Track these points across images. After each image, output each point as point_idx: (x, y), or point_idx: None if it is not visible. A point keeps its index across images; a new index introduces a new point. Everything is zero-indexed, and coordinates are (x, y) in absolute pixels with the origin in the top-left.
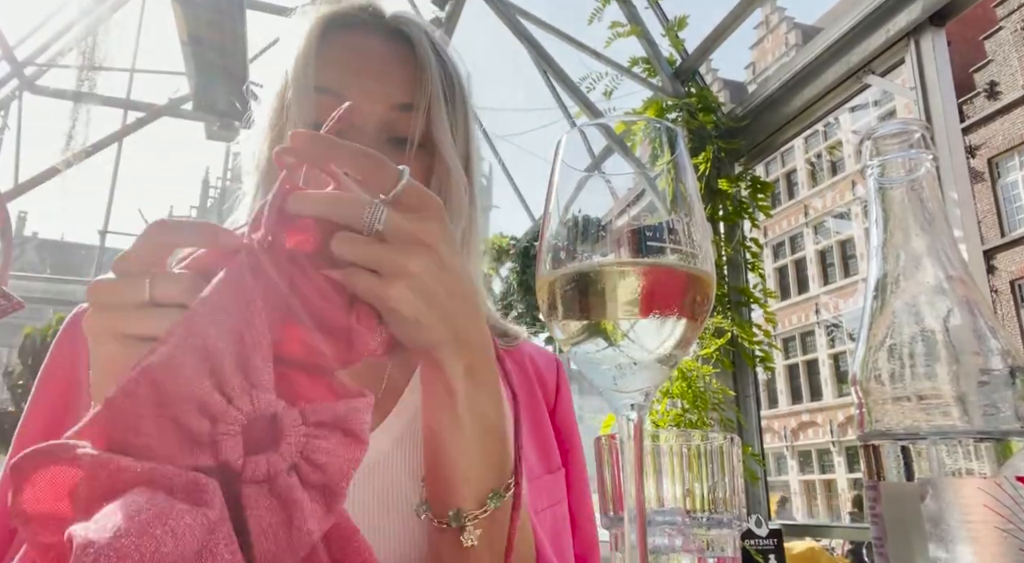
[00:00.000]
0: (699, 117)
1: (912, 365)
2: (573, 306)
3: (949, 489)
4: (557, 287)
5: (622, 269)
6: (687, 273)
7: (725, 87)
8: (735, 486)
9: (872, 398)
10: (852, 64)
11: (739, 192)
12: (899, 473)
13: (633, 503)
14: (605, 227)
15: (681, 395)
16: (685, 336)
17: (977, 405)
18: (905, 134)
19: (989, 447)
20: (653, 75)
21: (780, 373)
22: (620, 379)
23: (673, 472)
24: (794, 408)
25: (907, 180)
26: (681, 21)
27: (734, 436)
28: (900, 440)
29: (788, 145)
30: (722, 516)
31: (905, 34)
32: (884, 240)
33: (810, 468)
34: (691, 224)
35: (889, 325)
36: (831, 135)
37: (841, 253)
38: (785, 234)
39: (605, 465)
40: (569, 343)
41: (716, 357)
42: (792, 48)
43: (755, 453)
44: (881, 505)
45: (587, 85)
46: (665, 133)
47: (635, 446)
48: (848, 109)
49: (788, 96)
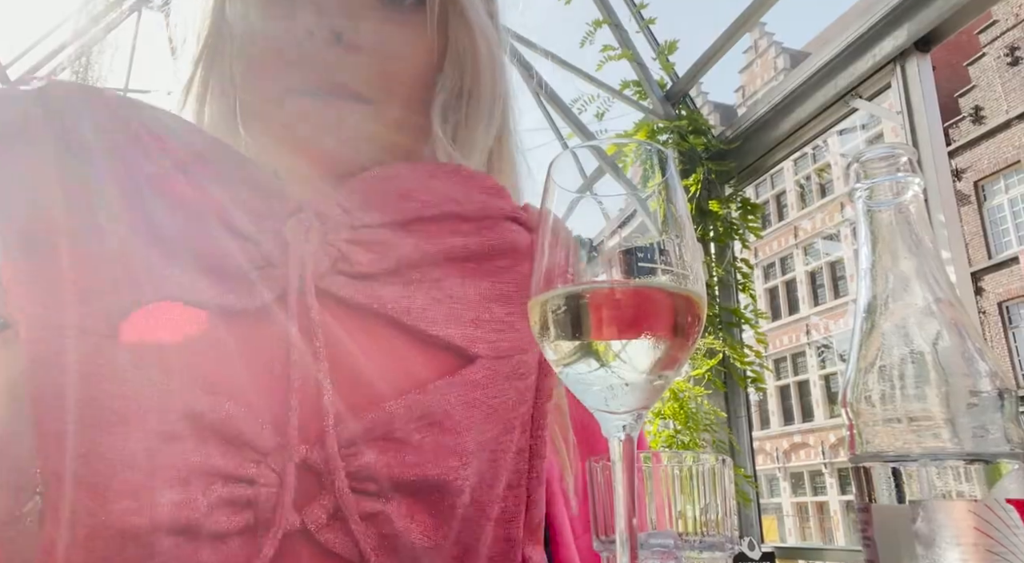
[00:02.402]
0: (690, 139)
1: (902, 387)
2: (564, 327)
3: (940, 511)
4: (549, 308)
5: (613, 290)
6: (678, 294)
7: (715, 110)
8: (727, 508)
9: (862, 420)
10: (839, 88)
11: (730, 213)
12: (890, 495)
13: (624, 526)
14: (597, 248)
15: (673, 416)
16: (676, 357)
17: (967, 427)
18: (892, 158)
19: (979, 469)
20: (644, 98)
21: (772, 394)
22: (612, 400)
23: (665, 494)
24: (786, 429)
25: (895, 203)
26: (671, 45)
27: (726, 457)
28: (891, 462)
29: (778, 167)
30: (714, 538)
31: (891, 59)
32: (873, 262)
33: (802, 490)
34: (682, 245)
35: (879, 347)
36: (820, 158)
37: (831, 274)
38: (775, 255)
39: (597, 488)
40: (561, 364)
41: (708, 378)
42: (780, 72)
43: (747, 475)
44: (873, 528)
45: (579, 107)
46: (656, 155)
47: (626, 467)
48: (836, 132)
49: (777, 119)
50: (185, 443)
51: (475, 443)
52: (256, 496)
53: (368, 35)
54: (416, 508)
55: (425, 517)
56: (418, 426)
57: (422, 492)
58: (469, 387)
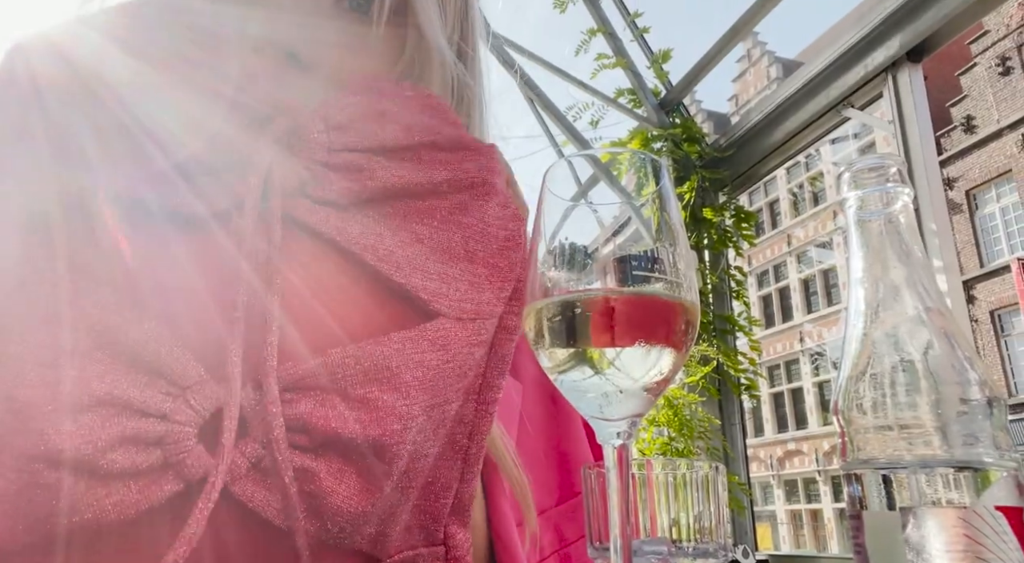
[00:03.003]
0: (684, 147)
1: (893, 395)
2: (559, 334)
3: (930, 518)
4: (544, 316)
5: (608, 298)
6: (672, 302)
7: (709, 118)
8: (721, 515)
9: (853, 427)
10: (832, 98)
11: (723, 221)
12: (881, 502)
13: (618, 533)
14: (591, 256)
15: (667, 423)
16: (670, 364)
17: (957, 435)
18: (882, 169)
19: (969, 477)
20: (638, 106)
21: (765, 401)
22: (606, 407)
23: (659, 501)
24: (780, 437)
25: (884, 213)
26: (665, 54)
27: (719, 465)
28: (881, 469)
29: (771, 175)
30: (708, 546)
31: (883, 69)
32: (863, 271)
33: (796, 497)
34: (676, 253)
35: (870, 355)
36: (812, 166)
37: (824, 282)
38: (769, 262)
39: (591, 495)
40: (556, 371)
41: (702, 385)
42: (773, 81)
43: (741, 482)
44: (864, 535)
45: (573, 114)
46: (650, 164)
47: (620, 475)
48: (829, 141)
49: (770, 128)
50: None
51: (420, 408)
52: (167, 435)
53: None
54: (347, 469)
55: (354, 479)
56: (364, 380)
57: (356, 453)
58: (425, 346)
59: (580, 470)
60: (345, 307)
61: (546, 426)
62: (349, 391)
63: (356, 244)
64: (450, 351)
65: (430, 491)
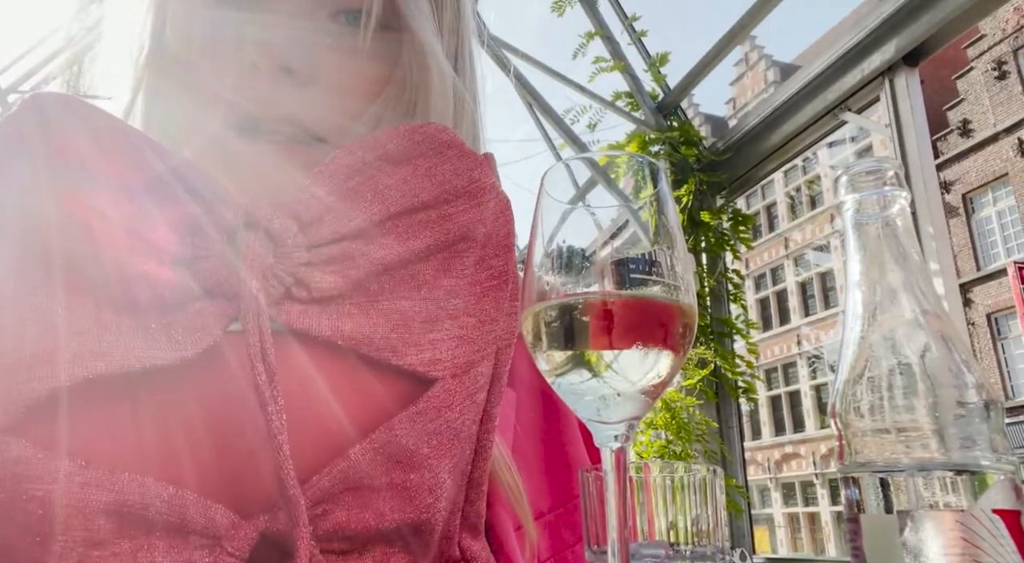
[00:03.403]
0: (681, 150)
1: (890, 398)
2: (557, 337)
3: (928, 521)
4: (541, 318)
5: (605, 301)
6: (670, 304)
7: (706, 122)
8: (718, 518)
9: (851, 430)
10: (829, 101)
11: (721, 224)
12: (878, 505)
13: (616, 536)
14: (589, 259)
15: (665, 426)
16: (668, 367)
17: (954, 438)
18: (878, 172)
19: (966, 480)
20: (636, 109)
21: (763, 404)
22: (604, 410)
23: (656, 504)
24: (777, 440)
25: (881, 216)
26: (663, 57)
27: (717, 468)
28: (878, 472)
29: (768, 179)
30: (705, 549)
31: (880, 73)
32: (860, 274)
33: (794, 500)
34: (673, 256)
35: (867, 358)
36: (810, 170)
37: (821, 285)
38: (766, 266)
39: (589, 498)
40: (553, 374)
41: (699, 388)
42: (771, 85)
43: (739, 485)
44: (861, 538)
45: (571, 117)
46: (648, 167)
47: (618, 478)
48: (826, 144)
49: (767, 131)
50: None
51: (445, 472)
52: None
53: (321, 67)
54: (390, 552)
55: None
56: (387, 468)
57: (397, 536)
58: (432, 414)
59: (577, 473)
60: (352, 401)
61: (541, 429)
62: (376, 485)
63: (351, 340)
64: (455, 409)
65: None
